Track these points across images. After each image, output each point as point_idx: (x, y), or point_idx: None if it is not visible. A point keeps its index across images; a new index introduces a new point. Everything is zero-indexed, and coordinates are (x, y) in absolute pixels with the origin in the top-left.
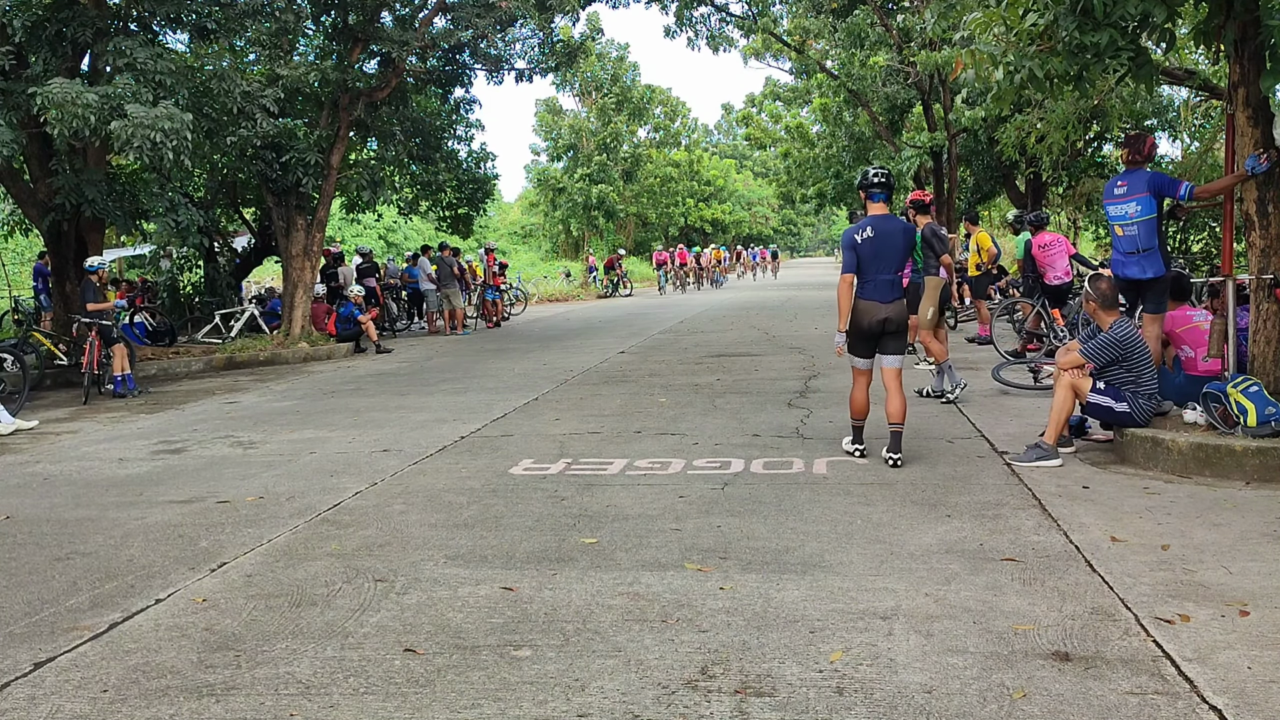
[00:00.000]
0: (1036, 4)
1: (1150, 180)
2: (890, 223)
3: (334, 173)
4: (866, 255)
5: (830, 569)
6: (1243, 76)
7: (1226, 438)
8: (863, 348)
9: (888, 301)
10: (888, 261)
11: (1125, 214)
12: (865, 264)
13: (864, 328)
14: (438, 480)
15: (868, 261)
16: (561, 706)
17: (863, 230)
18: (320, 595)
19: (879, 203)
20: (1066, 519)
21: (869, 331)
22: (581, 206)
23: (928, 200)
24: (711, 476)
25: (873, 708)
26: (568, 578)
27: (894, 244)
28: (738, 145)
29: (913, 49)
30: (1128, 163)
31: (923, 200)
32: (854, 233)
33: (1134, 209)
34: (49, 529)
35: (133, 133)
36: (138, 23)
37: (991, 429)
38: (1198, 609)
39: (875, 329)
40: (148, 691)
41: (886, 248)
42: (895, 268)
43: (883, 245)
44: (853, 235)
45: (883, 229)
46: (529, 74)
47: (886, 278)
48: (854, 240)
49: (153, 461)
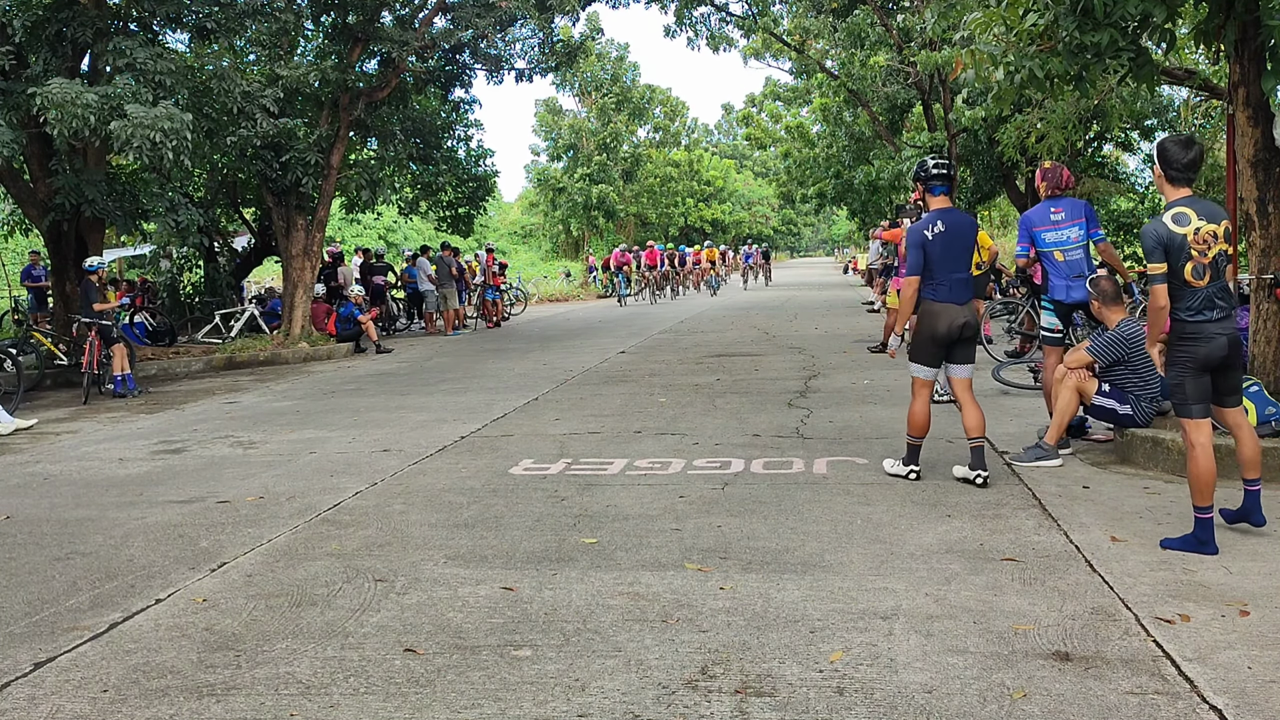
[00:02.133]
0: (1036, 4)
1: (1084, 208)
2: (959, 216)
3: (334, 173)
4: (937, 253)
5: (830, 569)
6: (1243, 76)
7: (1227, 438)
8: (933, 355)
9: (963, 303)
10: (960, 259)
11: (1068, 239)
12: (936, 263)
13: (940, 333)
14: (438, 480)
15: (939, 260)
16: (561, 706)
17: (932, 226)
18: (320, 595)
19: (941, 196)
20: (1067, 519)
21: (945, 338)
22: (581, 206)
23: None
24: (711, 476)
25: (873, 708)
26: (568, 578)
27: (966, 239)
28: (738, 145)
29: (913, 49)
30: (1048, 194)
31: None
32: (922, 229)
33: (1076, 234)
34: (49, 529)
35: (133, 133)
36: (138, 23)
37: (991, 429)
38: (1198, 609)
39: (953, 334)
40: (148, 691)
41: (958, 244)
42: (967, 265)
43: (954, 241)
44: (921, 232)
45: (953, 223)
46: (529, 74)
47: (960, 276)
48: (923, 238)
49: (153, 461)
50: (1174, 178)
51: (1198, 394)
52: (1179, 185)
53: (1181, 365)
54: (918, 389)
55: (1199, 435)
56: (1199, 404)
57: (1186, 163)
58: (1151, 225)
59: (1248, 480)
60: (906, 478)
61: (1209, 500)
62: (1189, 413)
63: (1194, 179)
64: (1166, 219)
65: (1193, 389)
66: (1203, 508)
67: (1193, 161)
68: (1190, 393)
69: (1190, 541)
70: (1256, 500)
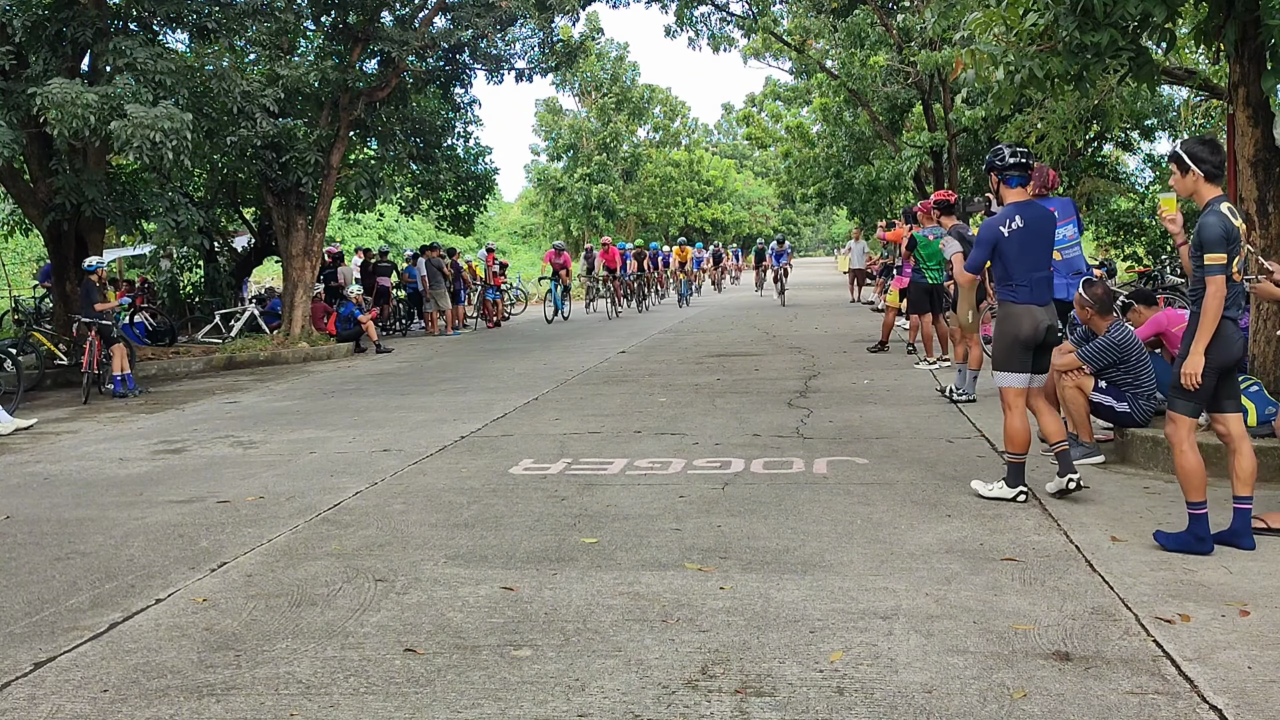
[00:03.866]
0: (1037, 4)
1: (1072, 206)
2: (1038, 210)
3: (334, 172)
4: (1013, 251)
5: (830, 569)
6: (1243, 76)
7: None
8: (1022, 361)
9: (1045, 304)
10: (1041, 256)
11: (1064, 238)
12: (1013, 261)
13: (1024, 337)
14: (438, 480)
15: (1016, 258)
16: (562, 706)
17: (1009, 221)
18: (320, 595)
19: (1018, 188)
20: (1067, 519)
21: (1030, 341)
22: (581, 206)
23: (953, 200)
24: (712, 476)
25: (873, 708)
26: (568, 577)
27: (1046, 235)
28: (738, 145)
29: (913, 49)
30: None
31: (948, 200)
32: (998, 224)
33: (1071, 232)
34: (49, 529)
35: (133, 133)
36: (138, 23)
37: (992, 429)
38: (1198, 609)
39: (1040, 337)
40: (148, 691)
41: (1038, 240)
42: (1048, 262)
43: (1034, 238)
44: (997, 228)
45: (1032, 218)
46: (529, 74)
47: (1042, 275)
48: (998, 234)
49: (153, 461)
50: (1211, 174)
51: (1208, 394)
52: (1215, 182)
53: (1206, 364)
54: (1011, 400)
55: (1185, 431)
56: (1201, 403)
57: (1220, 161)
58: (1215, 217)
59: (1240, 497)
60: (1014, 500)
61: (1203, 495)
62: (1189, 410)
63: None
64: (1224, 210)
65: (1207, 389)
66: (1197, 503)
67: (1224, 160)
68: (1204, 392)
69: (1186, 539)
70: (1247, 521)
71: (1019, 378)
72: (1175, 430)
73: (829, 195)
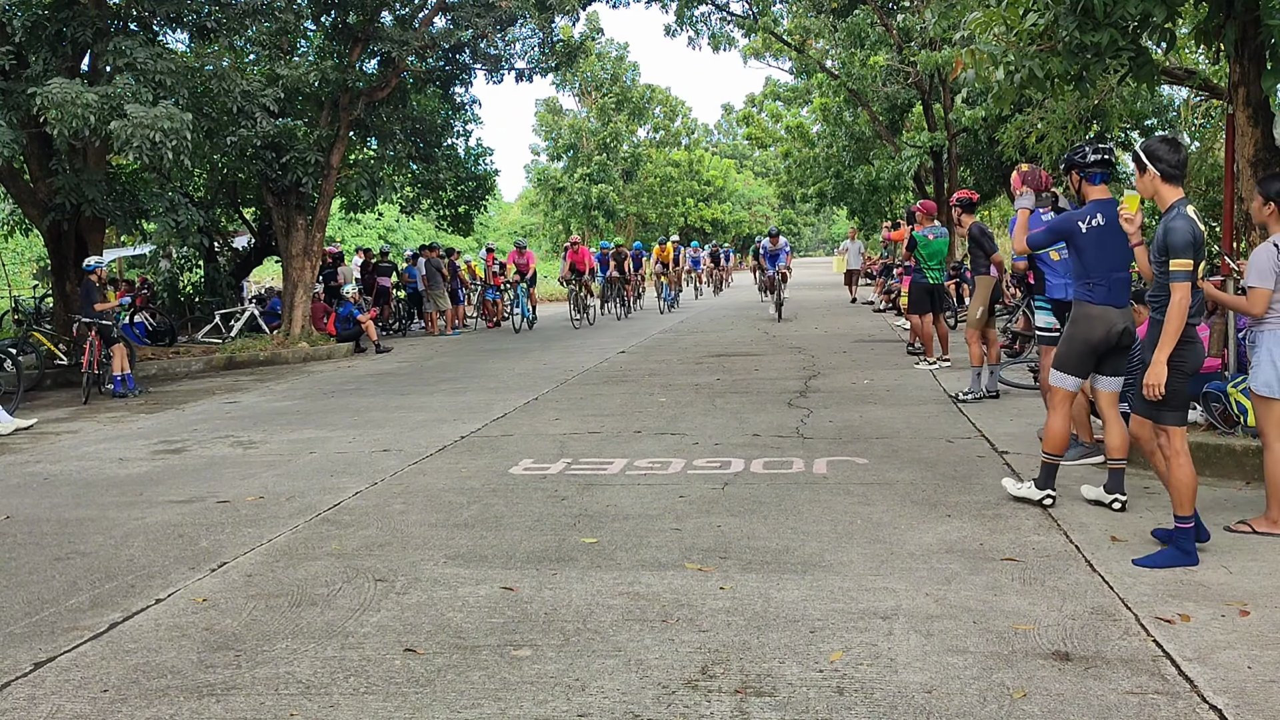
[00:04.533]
0: (1037, 4)
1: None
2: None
3: (334, 172)
4: (1091, 248)
5: (830, 569)
6: (1243, 76)
7: (1226, 438)
8: (1086, 364)
9: (1123, 306)
10: (1120, 256)
11: None
12: (1091, 258)
13: (1096, 339)
14: (438, 480)
15: (1095, 256)
16: (562, 706)
17: (1090, 217)
18: (320, 595)
19: (1101, 185)
20: (1066, 519)
21: (1102, 344)
22: (581, 206)
23: (975, 199)
24: (711, 476)
25: (873, 707)
26: (568, 577)
27: (1124, 235)
28: (738, 145)
29: (913, 49)
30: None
31: (970, 199)
32: (1077, 219)
33: None
34: (49, 529)
35: (132, 133)
36: (138, 22)
37: (991, 428)
38: (1198, 609)
39: (1111, 341)
40: (148, 691)
41: (1119, 239)
42: (1128, 262)
43: (1114, 236)
44: (1075, 223)
45: (1113, 216)
46: (529, 74)
47: (1121, 275)
48: (1075, 228)
49: (153, 461)
50: (1171, 176)
51: (1187, 400)
52: (1176, 184)
53: (1179, 372)
54: (1058, 402)
55: (1182, 442)
56: (1185, 409)
57: (1179, 161)
58: (1184, 221)
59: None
60: (1041, 504)
61: (1192, 508)
62: (1178, 420)
63: (1184, 179)
64: (1190, 214)
65: (1187, 396)
66: (1187, 517)
67: (1184, 160)
68: (1185, 399)
69: (1174, 555)
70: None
71: (1074, 381)
72: (1181, 440)
73: (829, 195)
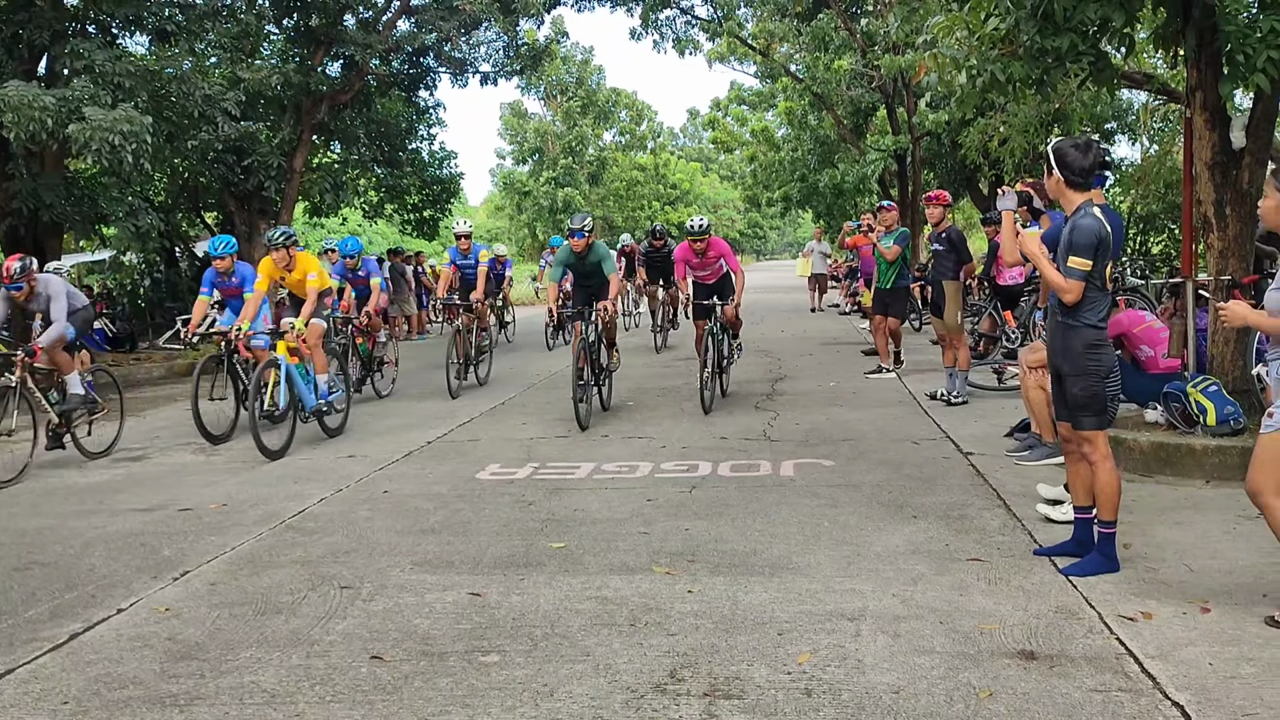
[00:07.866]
0: (998, 8)
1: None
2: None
3: (297, 176)
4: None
5: (798, 571)
6: (1200, 80)
7: (1187, 437)
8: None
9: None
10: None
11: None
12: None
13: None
14: (404, 486)
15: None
16: (530, 712)
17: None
18: (285, 603)
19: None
20: (1031, 519)
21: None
22: (547, 210)
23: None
24: (679, 480)
25: (841, 709)
26: (535, 583)
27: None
28: (704, 149)
29: (876, 53)
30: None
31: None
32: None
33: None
34: (6, 539)
35: (91, 135)
36: (96, 25)
37: (956, 430)
38: (1160, 607)
39: None
40: (110, 703)
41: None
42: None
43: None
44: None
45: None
46: (494, 77)
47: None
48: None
49: (113, 469)
50: (1075, 183)
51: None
52: (1080, 191)
53: (1094, 375)
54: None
55: (1105, 446)
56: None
57: (1086, 168)
58: (1093, 220)
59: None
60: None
61: (1116, 514)
62: (1097, 425)
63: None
64: (1099, 215)
65: (1105, 400)
66: (1110, 522)
67: (1093, 166)
68: (1104, 404)
69: (1099, 562)
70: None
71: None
72: (1106, 445)
73: (794, 199)
